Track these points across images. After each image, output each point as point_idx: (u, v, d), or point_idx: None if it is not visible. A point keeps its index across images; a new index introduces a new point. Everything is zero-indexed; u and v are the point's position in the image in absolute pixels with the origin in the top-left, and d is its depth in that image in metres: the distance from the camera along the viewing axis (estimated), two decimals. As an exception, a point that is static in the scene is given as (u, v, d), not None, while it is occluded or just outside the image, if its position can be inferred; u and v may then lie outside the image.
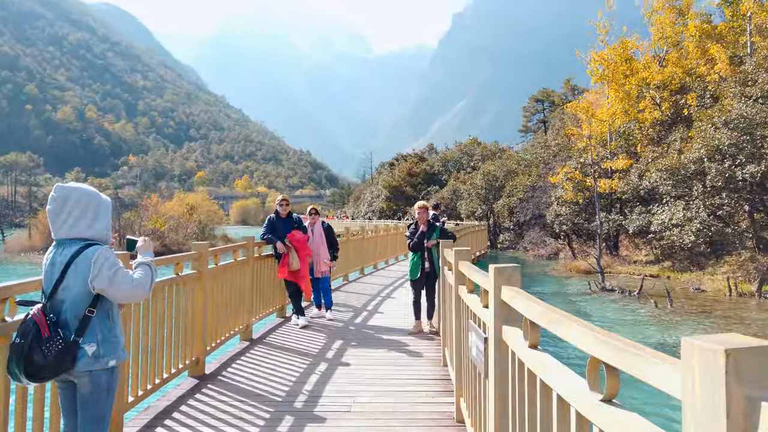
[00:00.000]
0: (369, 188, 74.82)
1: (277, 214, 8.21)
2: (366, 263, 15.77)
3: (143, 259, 2.97)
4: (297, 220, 8.26)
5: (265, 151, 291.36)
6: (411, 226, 7.78)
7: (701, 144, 16.33)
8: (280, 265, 7.89)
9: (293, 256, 7.87)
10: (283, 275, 7.90)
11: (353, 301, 10.48)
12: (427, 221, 7.57)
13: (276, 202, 8.42)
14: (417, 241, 7.44)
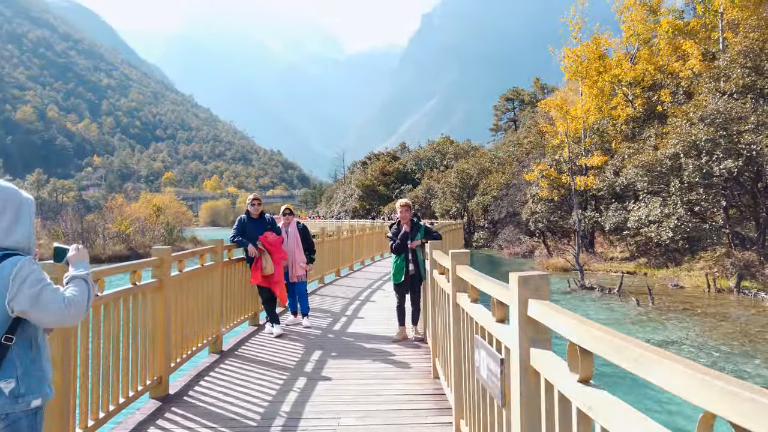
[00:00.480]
0: (341, 188, 74.10)
1: (248, 214, 7.61)
2: (342, 265, 15.21)
3: (76, 272, 2.36)
4: (270, 221, 7.68)
5: (235, 151, 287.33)
6: (393, 226, 7.27)
7: (678, 140, 16.25)
8: (253, 270, 7.31)
9: (266, 259, 7.29)
10: (255, 281, 7.32)
11: (331, 305, 9.92)
12: (411, 220, 7.07)
13: (247, 201, 7.83)
14: (400, 243, 6.94)
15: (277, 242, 7.48)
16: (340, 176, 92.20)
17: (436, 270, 5.65)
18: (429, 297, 6.66)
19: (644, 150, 18.32)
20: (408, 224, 6.99)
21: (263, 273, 7.27)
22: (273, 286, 7.38)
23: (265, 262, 7.27)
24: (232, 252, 7.33)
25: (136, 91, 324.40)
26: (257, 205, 7.60)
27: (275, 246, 7.41)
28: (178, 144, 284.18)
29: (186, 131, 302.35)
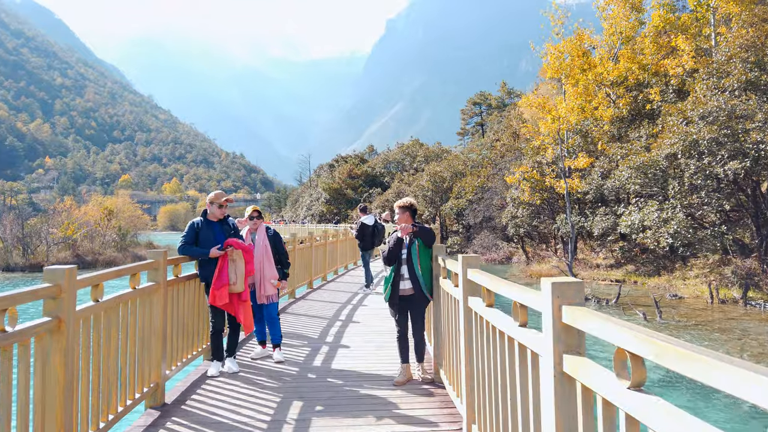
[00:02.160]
0: (307, 191, 71.90)
1: (205, 216, 5.81)
2: (315, 275, 13.43)
3: None
4: (233, 226, 5.91)
5: (196, 154, 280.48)
6: (392, 234, 5.58)
7: (677, 139, 15.09)
8: (215, 285, 5.47)
9: (236, 271, 5.51)
10: (221, 300, 5.47)
11: (306, 328, 8.14)
12: (418, 224, 5.41)
13: (209, 198, 5.90)
14: (390, 250, 5.31)
15: (249, 248, 5.73)
16: (305, 179, 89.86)
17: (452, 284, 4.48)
18: (443, 322, 5.04)
19: (639, 151, 17.17)
20: (407, 230, 5.35)
21: (231, 290, 5.49)
22: (238, 310, 5.61)
23: (234, 276, 5.49)
24: (180, 267, 5.51)
25: (92, 91, 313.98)
26: (226, 207, 5.82)
27: (249, 254, 5.68)
28: (137, 146, 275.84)
29: (145, 133, 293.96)
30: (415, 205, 5.45)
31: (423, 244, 5.27)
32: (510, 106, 64.48)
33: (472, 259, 4.00)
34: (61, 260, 28.20)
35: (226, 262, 5.52)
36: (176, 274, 5.42)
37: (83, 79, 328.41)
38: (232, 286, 5.47)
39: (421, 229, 5.30)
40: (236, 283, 5.48)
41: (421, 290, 5.28)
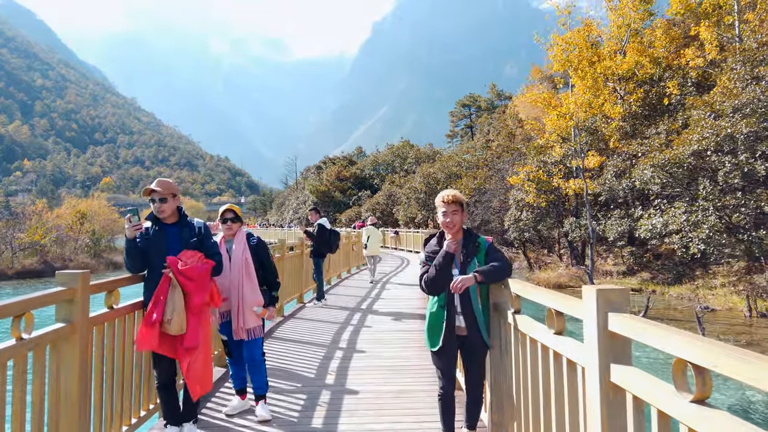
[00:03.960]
0: (294, 194, 69.84)
1: (153, 219, 4.03)
2: (306, 287, 11.66)
3: None
4: (199, 232, 4.11)
5: (180, 156, 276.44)
6: (429, 240, 3.84)
7: (708, 134, 13.59)
8: (145, 322, 3.68)
9: (174, 302, 3.74)
10: (147, 343, 3.68)
11: (299, 361, 6.37)
12: (464, 230, 3.71)
13: (148, 189, 4.00)
14: (437, 273, 3.55)
15: (200, 271, 3.89)
16: (291, 182, 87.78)
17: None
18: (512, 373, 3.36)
19: (659, 148, 15.66)
20: (457, 235, 3.64)
21: (165, 329, 3.71)
22: (181, 357, 3.82)
23: (170, 310, 3.71)
24: (118, 294, 3.73)
25: (74, 93, 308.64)
26: (171, 201, 3.99)
27: (196, 278, 3.83)
28: (119, 148, 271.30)
29: (127, 135, 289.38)
30: (463, 201, 3.71)
31: (482, 262, 3.55)
32: (500, 107, 63.22)
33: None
34: (27, 267, 26.03)
35: (164, 289, 3.75)
36: (111, 304, 3.65)
37: (64, 80, 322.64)
38: (165, 325, 3.70)
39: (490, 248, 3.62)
40: (171, 321, 3.70)
41: (478, 331, 3.54)
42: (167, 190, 3.93)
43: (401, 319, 9.26)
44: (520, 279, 3.49)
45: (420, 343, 7.28)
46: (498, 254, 3.58)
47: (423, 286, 3.61)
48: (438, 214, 3.64)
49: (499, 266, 3.45)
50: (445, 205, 3.57)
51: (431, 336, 3.61)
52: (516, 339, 3.25)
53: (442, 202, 3.59)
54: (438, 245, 3.65)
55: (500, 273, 3.44)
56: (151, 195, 3.92)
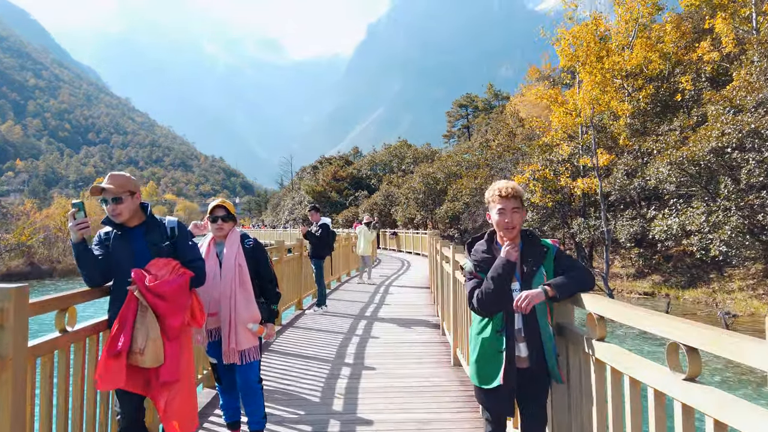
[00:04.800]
0: (289, 194, 68.85)
1: (109, 222, 3.16)
2: (305, 292, 10.83)
3: None
4: (172, 233, 3.27)
5: (174, 157, 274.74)
6: (476, 245, 2.96)
7: (730, 129, 12.86)
8: (107, 353, 2.84)
9: (149, 326, 2.92)
10: (110, 382, 2.84)
11: (300, 381, 5.52)
12: (527, 232, 2.88)
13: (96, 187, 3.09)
14: (494, 289, 2.70)
15: (174, 286, 3.01)
16: (287, 182, 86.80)
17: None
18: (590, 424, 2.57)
19: (674, 145, 14.94)
20: (515, 239, 2.81)
21: (134, 361, 2.89)
22: (157, 397, 2.99)
23: (141, 337, 2.89)
24: (74, 313, 2.90)
25: (67, 93, 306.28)
26: (129, 200, 3.08)
27: (169, 295, 2.99)
28: (112, 148, 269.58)
29: (121, 135, 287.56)
30: (522, 195, 2.88)
31: (551, 274, 2.74)
32: (498, 108, 62.65)
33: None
34: (12, 269, 25.07)
35: (131, 310, 2.93)
36: (63, 327, 2.82)
37: (58, 80, 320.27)
38: (135, 356, 2.88)
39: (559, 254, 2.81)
40: (144, 351, 2.88)
41: (545, 362, 2.72)
42: (122, 187, 3.05)
43: (410, 327, 8.46)
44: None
45: (436, 357, 6.48)
46: (571, 261, 2.77)
47: (475, 305, 2.78)
48: (491, 212, 2.82)
49: (576, 276, 2.64)
50: (503, 201, 2.74)
51: (484, 370, 2.77)
52: (599, 377, 2.44)
53: (499, 197, 2.75)
54: (488, 252, 2.83)
55: (579, 285, 2.63)
56: (101, 194, 3.05)
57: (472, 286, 2.82)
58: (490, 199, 2.80)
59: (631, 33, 22.61)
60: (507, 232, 2.73)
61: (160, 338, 2.96)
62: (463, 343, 5.67)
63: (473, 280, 2.83)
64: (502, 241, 2.80)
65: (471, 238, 3.03)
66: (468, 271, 2.87)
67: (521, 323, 2.72)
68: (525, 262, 2.73)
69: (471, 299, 2.80)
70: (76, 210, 2.95)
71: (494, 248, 2.82)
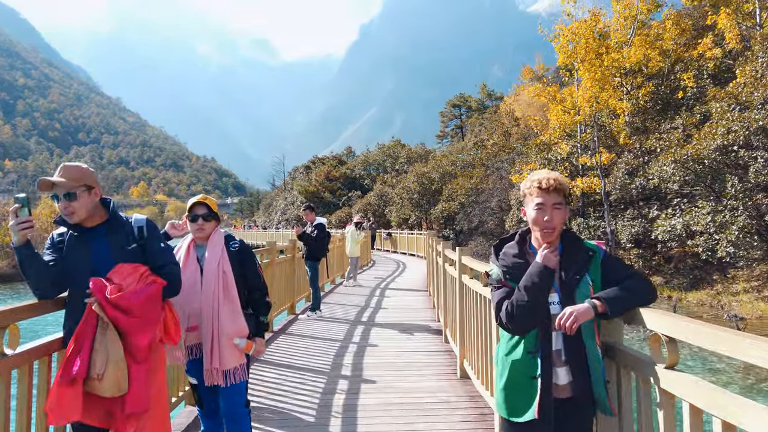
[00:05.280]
0: (282, 194, 68.19)
1: (63, 222, 2.62)
2: (298, 296, 10.32)
3: None
4: (140, 233, 2.75)
5: (165, 157, 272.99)
6: (502, 247, 2.44)
7: (737, 126, 12.48)
8: (59, 377, 2.34)
9: (110, 347, 2.41)
10: (64, 415, 2.32)
11: (294, 400, 5.00)
12: (567, 233, 2.35)
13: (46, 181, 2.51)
14: (531, 298, 2.19)
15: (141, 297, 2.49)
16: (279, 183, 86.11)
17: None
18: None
19: (678, 143, 14.56)
20: (554, 242, 2.29)
21: (93, 388, 2.38)
22: (122, 430, 2.48)
23: (100, 360, 2.38)
24: (14, 333, 2.38)
25: (57, 92, 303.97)
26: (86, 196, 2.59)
27: (135, 308, 2.47)
28: (103, 148, 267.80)
29: (112, 135, 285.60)
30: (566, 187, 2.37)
31: (599, 285, 2.24)
32: (491, 107, 62.42)
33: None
34: (-4, 271, 24.36)
35: (89, 328, 2.43)
36: (1, 351, 2.31)
37: (47, 79, 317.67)
38: (93, 383, 2.38)
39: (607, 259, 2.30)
40: (103, 377, 2.38)
41: (589, 389, 2.22)
42: (76, 180, 2.57)
43: (410, 333, 7.97)
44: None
45: (440, 368, 5.99)
46: (624, 267, 2.28)
47: (504, 320, 2.28)
48: (526, 207, 2.33)
49: (632, 287, 2.16)
50: (543, 195, 2.24)
51: (514, 400, 2.28)
52: (667, 414, 1.96)
53: (539, 189, 2.24)
54: (520, 256, 2.34)
55: (637, 298, 2.15)
56: (52, 189, 2.54)
57: (500, 297, 2.33)
58: (527, 192, 2.31)
59: (629, 30, 22.26)
60: (545, 234, 2.24)
61: (123, 361, 2.46)
62: (471, 355, 5.20)
63: (501, 290, 2.34)
64: (537, 243, 2.32)
65: (498, 239, 2.54)
66: (495, 279, 2.37)
67: (560, 343, 2.23)
68: (566, 268, 2.24)
69: (498, 312, 2.31)
70: (19, 206, 2.44)
71: (527, 252, 2.33)
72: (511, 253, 2.35)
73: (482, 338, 4.56)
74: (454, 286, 6.23)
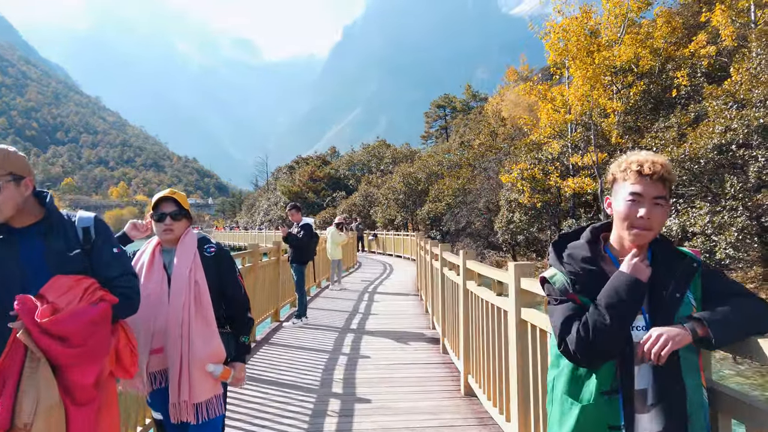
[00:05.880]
0: (265, 195, 67.22)
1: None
2: (282, 301, 9.70)
3: None
4: (85, 235, 2.13)
5: (146, 157, 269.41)
6: (565, 247, 1.81)
7: (738, 124, 12.13)
8: None
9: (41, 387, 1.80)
10: None
11: (280, 426, 4.40)
12: (664, 239, 1.76)
13: None
14: (615, 320, 1.59)
15: (83, 320, 1.87)
16: (262, 183, 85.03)
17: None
18: None
19: (676, 142, 14.21)
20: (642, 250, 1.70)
21: None
22: None
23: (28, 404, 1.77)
24: None
25: (35, 91, 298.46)
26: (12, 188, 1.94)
27: (74, 335, 1.85)
28: (81, 148, 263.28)
29: (91, 135, 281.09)
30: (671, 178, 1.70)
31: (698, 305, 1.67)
32: (476, 108, 62.32)
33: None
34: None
35: (15, 362, 1.86)
36: None
37: (25, 78, 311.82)
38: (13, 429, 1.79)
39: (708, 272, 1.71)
40: (31, 426, 1.78)
41: None
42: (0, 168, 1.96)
43: (404, 342, 7.39)
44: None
45: (441, 384, 5.43)
46: (731, 284, 1.71)
47: (573, 348, 1.67)
48: (614, 196, 1.74)
49: (744, 307, 1.60)
50: (643, 182, 1.64)
51: None
52: None
53: (637, 174, 1.64)
54: (592, 261, 1.73)
55: (753, 324, 1.59)
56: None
57: (565, 315, 1.72)
58: (619, 176, 1.71)
59: (620, 28, 21.98)
60: (638, 236, 1.67)
61: (60, 405, 1.87)
62: (478, 370, 4.64)
63: (567, 305, 1.73)
64: (618, 246, 1.75)
65: (558, 235, 1.94)
66: (559, 289, 1.76)
67: (648, 380, 1.65)
68: (660, 284, 1.67)
69: (565, 336, 1.70)
70: None
71: (602, 256, 1.76)
72: (580, 255, 1.75)
73: (493, 353, 4.02)
74: (456, 294, 5.68)
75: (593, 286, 1.67)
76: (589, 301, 1.67)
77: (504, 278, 3.63)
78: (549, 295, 1.80)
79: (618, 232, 1.72)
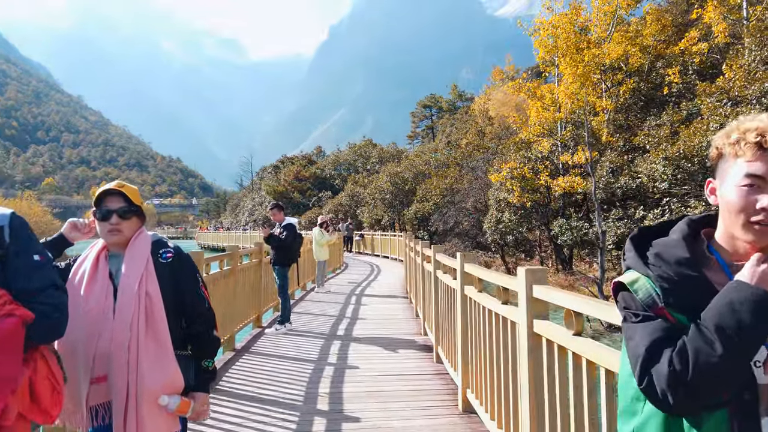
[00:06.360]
0: (249, 195, 66.37)
1: None
2: (265, 306, 9.18)
3: None
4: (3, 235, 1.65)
5: (129, 157, 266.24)
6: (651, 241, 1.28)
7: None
8: None
9: None
10: None
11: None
12: None
13: None
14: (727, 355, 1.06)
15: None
16: (246, 183, 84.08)
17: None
18: None
19: (670, 140, 13.94)
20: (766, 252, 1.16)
21: None
22: None
23: None
24: None
25: (15, 89, 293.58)
26: None
27: None
28: (63, 147, 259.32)
29: (73, 134, 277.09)
30: None
31: None
32: (463, 108, 62.15)
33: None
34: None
35: None
36: None
37: (4, 76, 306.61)
38: None
39: None
40: None
41: None
42: None
43: (394, 350, 6.93)
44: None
45: (436, 398, 4.97)
46: None
47: (664, 387, 1.13)
48: (723, 179, 1.21)
49: None
50: (765, 159, 1.13)
51: None
52: None
53: (757, 148, 1.13)
54: (691, 264, 1.19)
55: None
56: None
57: (652, 338, 1.17)
58: (728, 150, 1.20)
59: (609, 26, 21.73)
60: (760, 234, 1.19)
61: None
62: (479, 385, 4.19)
63: (653, 324, 1.19)
64: (729, 246, 1.27)
65: (637, 228, 1.39)
66: (644, 301, 1.23)
67: None
68: None
69: (648, 368, 1.15)
70: None
71: (707, 259, 1.26)
72: (674, 256, 1.22)
73: (498, 368, 3.57)
74: (452, 299, 5.22)
75: (694, 300, 1.16)
76: (687, 320, 1.18)
77: (512, 285, 3.17)
78: (626, 309, 1.26)
79: (728, 228, 1.22)
